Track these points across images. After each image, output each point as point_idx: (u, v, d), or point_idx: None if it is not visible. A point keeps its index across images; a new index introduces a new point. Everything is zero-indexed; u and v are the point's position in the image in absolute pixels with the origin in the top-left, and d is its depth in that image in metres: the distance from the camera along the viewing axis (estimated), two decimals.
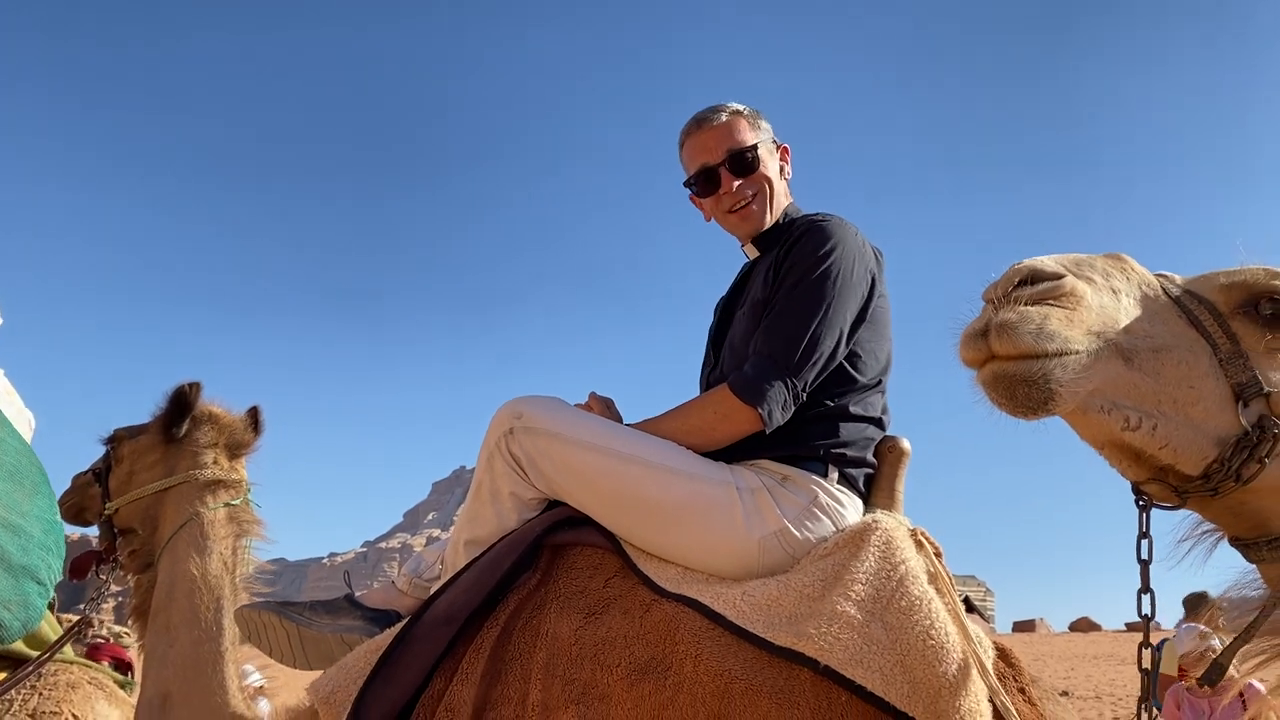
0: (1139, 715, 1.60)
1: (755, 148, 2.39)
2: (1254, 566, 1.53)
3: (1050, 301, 1.38)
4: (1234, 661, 1.52)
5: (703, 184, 2.43)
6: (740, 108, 2.44)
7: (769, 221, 2.43)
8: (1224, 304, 1.48)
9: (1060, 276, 1.39)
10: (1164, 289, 1.50)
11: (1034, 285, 1.40)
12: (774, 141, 2.49)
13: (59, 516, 2.90)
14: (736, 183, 2.39)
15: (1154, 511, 1.58)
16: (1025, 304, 1.37)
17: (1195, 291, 1.50)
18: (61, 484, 3.29)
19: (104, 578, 2.94)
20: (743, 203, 2.40)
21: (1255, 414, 1.41)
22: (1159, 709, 7.65)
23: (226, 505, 2.73)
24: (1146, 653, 1.58)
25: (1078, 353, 1.34)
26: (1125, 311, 1.42)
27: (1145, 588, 1.57)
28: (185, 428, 2.82)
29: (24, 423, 3.53)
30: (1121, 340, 1.39)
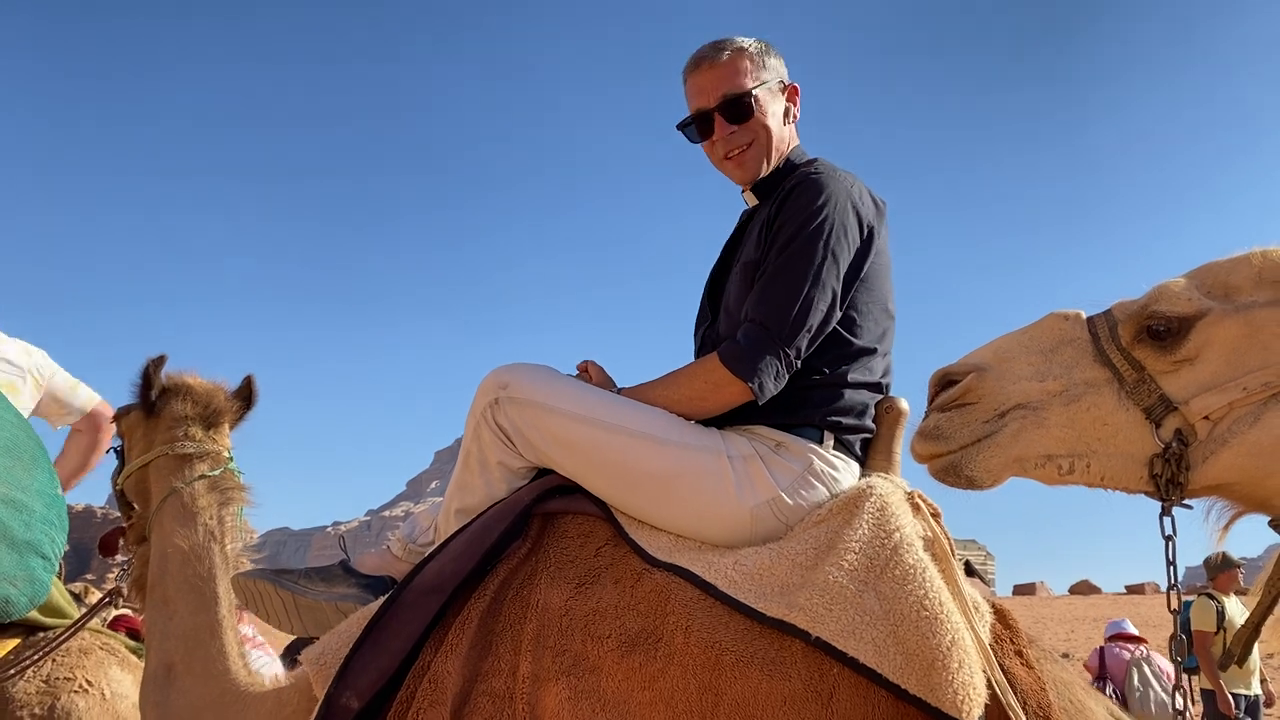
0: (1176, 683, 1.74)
1: (751, 93, 2.27)
2: None
3: (955, 404, 1.70)
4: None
5: (697, 128, 2.34)
6: (745, 44, 2.31)
7: (766, 169, 2.33)
8: (1126, 336, 1.64)
9: (963, 377, 1.71)
10: (1092, 331, 1.68)
11: (947, 389, 1.72)
12: (781, 82, 2.36)
13: (60, 490, 2.90)
14: (730, 130, 2.29)
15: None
16: (936, 410, 1.72)
17: (1112, 325, 1.67)
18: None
19: (129, 553, 2.97)
20: (737, 150, 2.30)
21: (1171, 429, 1.57)
22: (1195, 666, 7.79)
23: (204, 477, 2.72)
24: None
25: (977, 441, 1.65)
26: (1038, 379, 1.66)
27: (1173, 584, 1.68)
28: (156, 402, 2.81)
29: (31, 367, 3.57)
30: (1033, 408, 1.64)
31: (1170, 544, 1.63)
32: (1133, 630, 8.05)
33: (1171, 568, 1.65)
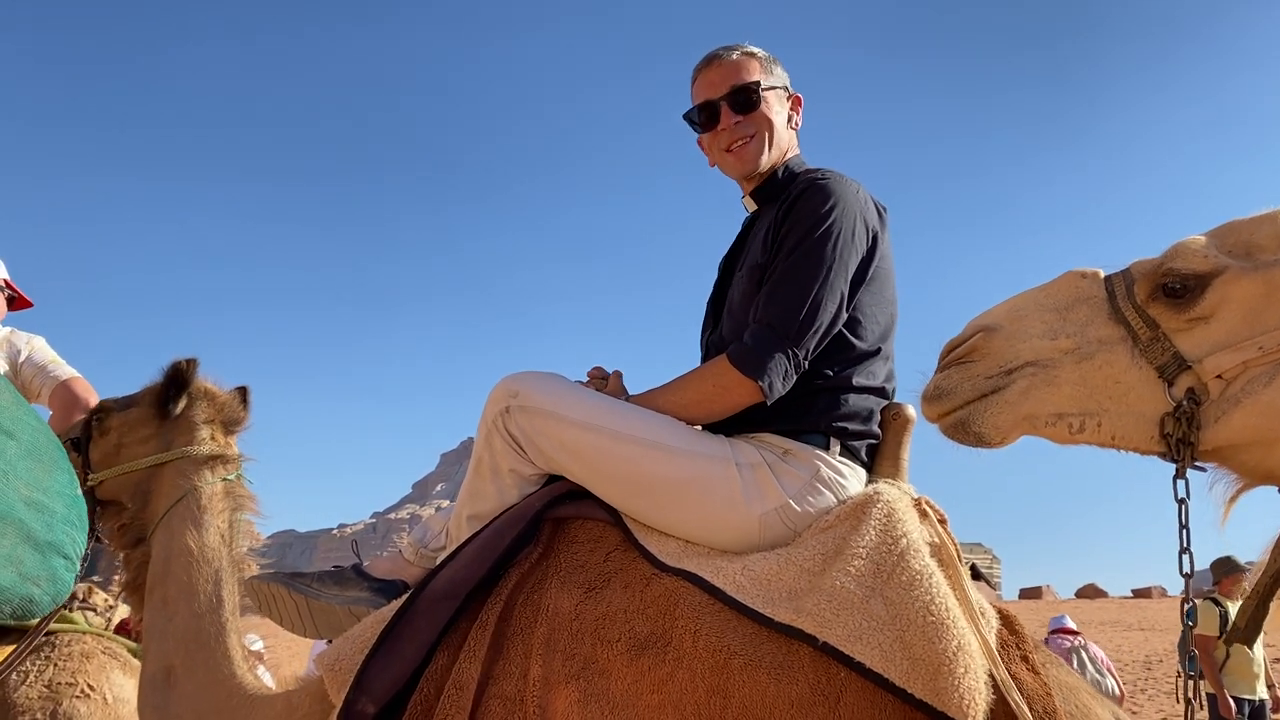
0: (1181, 678, 1.74)
1: (758, 85, 2.33)
2: None
3: (962, 361, 1.70)
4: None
5: (703, 118, 2.38)
6: (755, 50, 2.38)
7: (765, 164, 2.37)
8: (1141, 294, 1.61)
9: (970, 338, 1.71)
10: (1108, 289, 1.66)
11: (957, 349, 1.72)
12: (785, 89, 2.42)
13: (80, 491, 2.92)
14: (735, 119, 2.33)
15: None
16: (943, 369, 1.73)
17: (1129, 283, 1.65)
18: None
19: (85, 551, 2.95)
20: (740, 141, 2.34)
21: (1183, 388, 1.54)
22: (1194, 670, 7.92)
23: (223, 480, 2.73)
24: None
25: (983, 397, 1.65)
26: (1050, 336, 1.64)
27: (1185, 548, 1.64)
28: (181, 404, 2.81)
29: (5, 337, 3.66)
30: (1044, 365, 1.63)
31: (1184, 507, 1.60)
32: (1072, 626, 8.98)
33: (1185, 531, 1.61)
